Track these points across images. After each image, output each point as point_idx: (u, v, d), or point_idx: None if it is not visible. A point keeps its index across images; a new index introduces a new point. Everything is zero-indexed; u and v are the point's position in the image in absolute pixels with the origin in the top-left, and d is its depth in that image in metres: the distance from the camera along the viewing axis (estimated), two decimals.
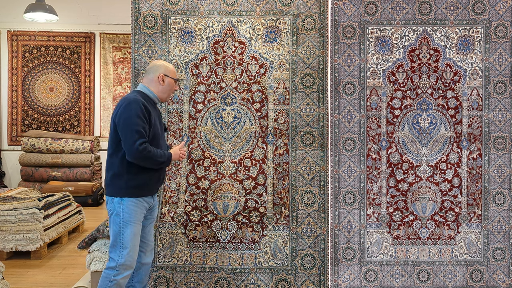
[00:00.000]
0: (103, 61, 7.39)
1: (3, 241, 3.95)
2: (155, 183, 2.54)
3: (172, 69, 2.62)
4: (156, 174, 2.52)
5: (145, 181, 2.47)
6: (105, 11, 6.80)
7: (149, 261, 2.68)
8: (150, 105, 2.49)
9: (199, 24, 3.07)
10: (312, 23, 3.08)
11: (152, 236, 2.70)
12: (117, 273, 2.41)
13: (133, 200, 2.44)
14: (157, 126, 2.52)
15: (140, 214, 2.48)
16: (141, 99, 2.43)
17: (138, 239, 2.48)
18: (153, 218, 2.69)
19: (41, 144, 6.79)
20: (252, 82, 3.08)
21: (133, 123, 2.34)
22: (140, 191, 2.46)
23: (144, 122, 2.38)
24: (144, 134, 2.36)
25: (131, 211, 2.43)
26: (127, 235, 2.42)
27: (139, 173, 2.44)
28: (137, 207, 2.46)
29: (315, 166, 3.07)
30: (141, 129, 2.35)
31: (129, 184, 2.43)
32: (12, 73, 7.28)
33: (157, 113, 2.60)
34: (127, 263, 2.42)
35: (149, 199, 2.55)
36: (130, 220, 2.43)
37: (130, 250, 2.42)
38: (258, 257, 3.05)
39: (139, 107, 2.37)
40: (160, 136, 2.56)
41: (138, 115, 2.36)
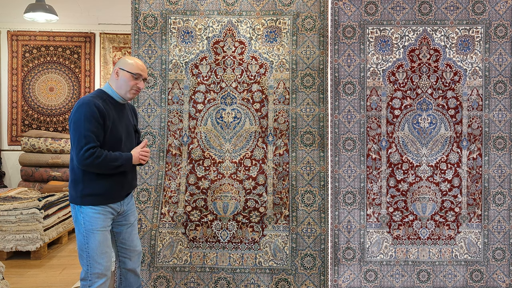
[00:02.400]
0: (103, 61, 7.40)
1: (3, 241, 3.95)
2: (119, 189, 2.35)
3: (131, 63, 2.36)
4: (119, 179, 2.33)
5: (105, 188, 2.28)
6: (105, 11, 6.80)
7: (134, 266, 2.54)
8: (110, 106, 2.31)
9: (199, 24, 3.07)
10: (312, 23, 3.08)
11: (135, 242, 2.54)
12: (90, 283, 2.28)
13: (93, 207, 2.27)
14: (118, 128, 2.32)
15: (104, 221, 2.30)
16: (96, 100, 2.25)
17: (106, 246, 2.31)
18: (130, 223, 2.51)
19: (41, 144, 6.79)
20: (252, 82, 3.08)
21: (81, 128, 2.17)
22: (99, 199, 2.28)
23: (96, 126, 2.20)
24: (93, 139, 2.18)
25: (92, 219, 2.27)
26: (92, 243, 2.26)
27: (97, 179, 2.26)
28: (99, 213, 2.28)
29: (315, 166, 3.07)
30: (90, 133, 2.17)
31: (85, 191, 2.26)
32: (12, 73, 7.28)
33: (122, 113, 2.40)
34: (97, 272, 2.28)
35: (116, 205, 2.37)
36: (92, 228, 2.27)
37: (98, 258, 2.28)
38: (258, 257, 3.05)
39: (90, 109, 2.19)
40: (125, 138, 2.38)
41: (87, 118, 2.18)
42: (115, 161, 2.24)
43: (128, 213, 2.50)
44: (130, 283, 2.57)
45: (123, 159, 2.28)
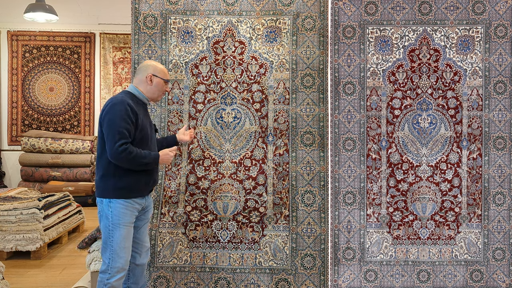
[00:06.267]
0: (103, 61, 7.39)
1: (3, 241, 3.95)
2: (145, 184, 2.49)
3: (161, 69, 2.57)
4: (145, 175, 2.48)
5: (134, 183, 2.42)
6: (105, 11, 6.80)
7: (143, 262, 2.65)
8: (138, 106, 2.46)
9: (199, 24, 3.07)
10: (312, 23, 3.08)
11: (147, 237, 2.68)
12: (109, 276, 2.39)
13: (122, 202, 2.40)
14: (146, 127, 2.48)
15: (130, 216, 2.44)
16: (128, 100, 2.40)
17: (129, 241, 2.44)
18: (147, 219, 2.66)
19: (41, 144, 6.79)
20: (252, 82, 3.08)
21: (115, 124, 2.31)
22: (128, 192, 2.42)
23: (129, 124, 2.35)
24: (126, 135, 2.32)
25: (120, 213, 2.39)
26: (117, 237, 2.39)
27: (127, 174, 2.40)
28: (127, 209, 2.42)
29: (315, 166, 3.07)
30: (124, 130, 2.32)
31: (116, 185, 2.39)
32: (12, 73, 7.28)
33: (146, 114, 2.56)
34: (118, 266, 2.39)
35: (140, 200, 2.50)
36: (119, 222, 2.39)
37: (120, 252, 2.39)
38: (258, 257, 3.05)
39: (124, 108, 2.34)
40: (150, 138, 2.53)
41: (122, 116, 2.33)
42: (144, 158, 2.38)
43: (148, 209, 2.64)
44: (137, 279, 2.66)
45: (151, 158, 2.43)
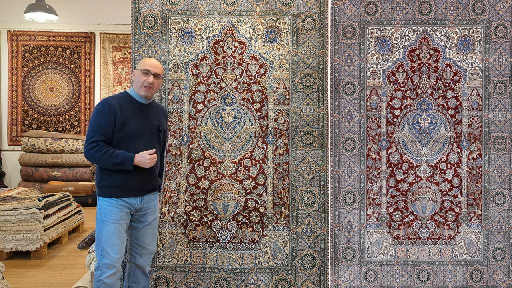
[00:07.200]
0: (103, 61, 7.39)
1: (3, 241, 3.95)
2: (134, 184, 2.47)
3: (142, 61, 2.54)
4: (134, 175, 2.44)
5: (120, 182, 2.43)
6: (105, 11, 6.80)
7: (143, 264, 2.63)
8: (128, 106, 2.47)
9: (199, 24, 3.07)
10: (312, 23, 3.08)
11: (149, 240, 2.62)
12: (101, 273, 2.42)
13: (108, 200, 2.43)
14: (132, 127, 2.45)
15: (117, 214, 2.43)
16: (111, 99, 2.45)
17: (118, 239, 2.42)
18: (147, 222, 2.60)
19: (41, 144, 6.79)
20: (252, 82, 3.08)
21: (91, 123, 2.39)
22: (114, 191, 2.43)
23: (105, 122, 2.37)
24: (98, 134, 2.36)
25: (106, 211, 2.43)
26: (104, 234, 2.42)
27: (113, 174, 2.42)
28: (113, 206, 2.43)
29: (315, 166, 3.07)
30: (96, 128, 2.36)
31: (101, 183, 2.45)
32: (12, 73, 7.28)
33: (144, 113, 2.54)
34: (108, 262, 2.41)
35: (131, 200, 2.47)
36: (106, 219, 2.42)
37: (108, 249, 2.41)
38: (258, 257, 3.05)
39: (103, 107, 2.40)
40: (143, 137, 2.49)
41: (99, 114, 2.39)
42: (115, 158, 2.36)
43: (146, 211, 2.59)
44: (138, 280, 2.65)
45: (124, 158, 2.38)
